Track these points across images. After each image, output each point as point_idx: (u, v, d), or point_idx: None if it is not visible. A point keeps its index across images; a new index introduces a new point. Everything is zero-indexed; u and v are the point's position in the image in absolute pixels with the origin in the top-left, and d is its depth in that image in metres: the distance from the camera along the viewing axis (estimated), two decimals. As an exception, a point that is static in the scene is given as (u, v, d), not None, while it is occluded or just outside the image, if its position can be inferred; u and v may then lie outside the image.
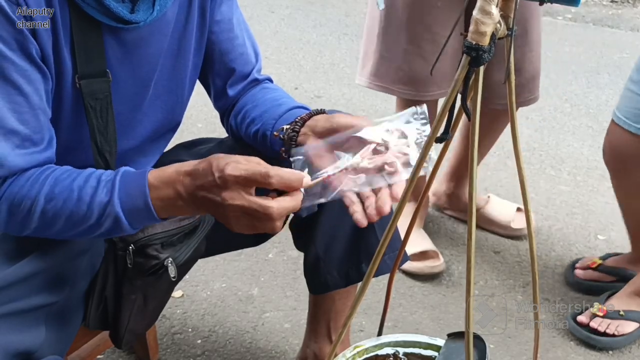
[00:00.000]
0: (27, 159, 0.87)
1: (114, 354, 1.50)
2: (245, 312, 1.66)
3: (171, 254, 1.03)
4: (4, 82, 0.83)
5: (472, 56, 0.51)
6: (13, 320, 0.85)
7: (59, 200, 0.85)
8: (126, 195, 0.85)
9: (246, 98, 1.17)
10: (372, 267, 0.65)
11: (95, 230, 0.88)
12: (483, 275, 1.83)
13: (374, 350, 1.00)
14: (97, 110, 0.93)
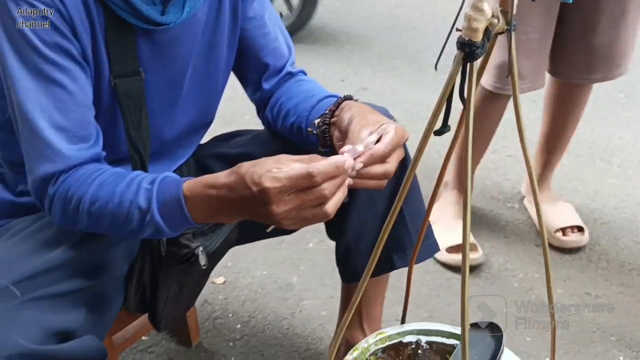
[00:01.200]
0: (77, 154, 0.91)
1: (157, 335, 1.57)
2: (284, 299, 1.71)
3: (202, 243, 1.08)
4: (50, 82, 0.88)
5: (465, 52, 0.53)
6: (54, 302, 0.91)
7: (102, 202, 0.89)
8: (164, 205, 0.87)
9: (281, 91, 1.20)
10: (371, 262, 0.66)
11: (139, 233, 0.91)
12: (523, 267, 1.81)
13: (396, 338, 1.03)
14: (131, 108, 0.99)
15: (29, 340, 0.82)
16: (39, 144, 0.89)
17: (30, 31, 0.86)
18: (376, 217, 1.21)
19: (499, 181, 2.23)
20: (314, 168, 0.78)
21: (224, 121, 2.46)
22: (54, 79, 0.89)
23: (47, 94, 0.88)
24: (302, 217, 0.81)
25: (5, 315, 0.83)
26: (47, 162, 0.90)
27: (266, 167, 0.80)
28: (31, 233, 1.00)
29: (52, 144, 0.89)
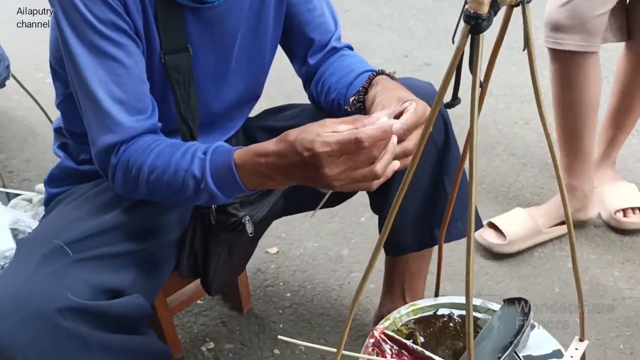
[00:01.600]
0: (136, 125, 0.97)
1: (212, 300, 1.65)
2: (334, 270, 1.75)
3: (248, 212, 1.13)
4: (106, 57, 0.94)
5: (471, 25, 0.53)
6: (104, 262, 0.98)
7: (159, 171, 0.94)
8: (217, 173, 0.91)
9: (325, 66, 1.22)
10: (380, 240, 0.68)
11: (194, 200, 0.96)
12: (579, 248, 1.77)
13: (429, 310, 1.05)
14: (180, 82, 1.04)
15: (78, 295, 0.90)
16: (100, 115, 0.95)
17: (86, 9, 0.92)
18: (418, 192, 1.22)
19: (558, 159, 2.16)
20: (362, 133, 0.80)
21: (285, 96, 2.51)
22: (109, 54, 0.94)
23: (104, 69, 0.94)
24: (353, 178, 0.84)
25: (58, 272, 0.91)
26: (108, 133, 0.96)
27: (314, 132, 0.82)
28: (88, 198, 1.09)
29: (112, 116, 0.95)
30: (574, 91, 1.65)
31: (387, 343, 0.98)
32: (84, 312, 0.90)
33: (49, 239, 0.95)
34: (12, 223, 1.33)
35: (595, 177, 1.95)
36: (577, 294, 0.81)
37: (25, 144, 2.45)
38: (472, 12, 0.53)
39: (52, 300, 0.88)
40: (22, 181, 2.19)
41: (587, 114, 1.68)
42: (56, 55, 1.07)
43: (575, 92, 1.65)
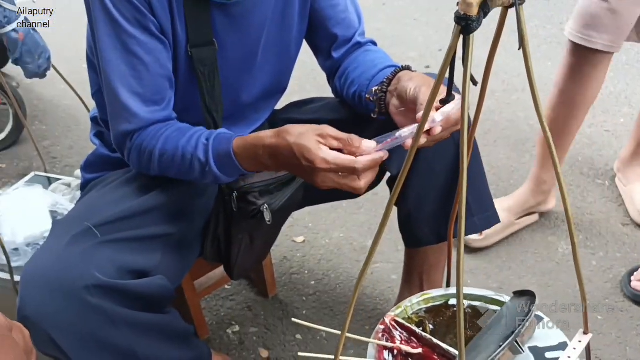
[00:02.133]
0: (149, 116, 1.06)
1: (239, 285, 1.71)
2: (358, 261, 1.79)
3: (267, 200, 1.18)
4: (128, 53, 1.02)
5: (461, 25, 0.56)
6: (130, 245, 1.04)
7: (169, 155, 1.04)
8: (219, 158, 1.01)
9: (348, 61, 1.26)
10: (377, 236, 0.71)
11: (201, 180, 1.06)
12: (604, 246, 1.76)
13: (440, 300, 1.07)
14: (206, 75, 1.10)
15: (104, 274, 0.96)
16: (118, 106, 1.04)
17: (113, 7, 0.99)
18: (436, 185, 1.24)
19: (592, 157, 2.15)
20: (359, 164, 0.91)
21: (319, 89, 2.55)
22: (131, 51, 1.02)
23: (125, 63, 1.02)
24: (337, 186, 0.95)
25: (86, 252, 0.98)
26: (125, 122, 1.05)
27: (313, 142, 0.91)
28: (119, 184, 1.15)
29: (129, 107, 1.04)
30: (580, 87, 1.65)
31: (397, 330, 1.02)
32: (110, 289, 0.96)
33: (79, 221, 1.02)
34: (51, 205, 1.41)
35: (623, 176, 1.93)
36: (579, 287, 0.83)
37: (69, 132, 2.56)
38: (462, 13, 0.55)
39: (80, 278, 0.94)
40: (65, 167, 2.30)
41: (583, 111, 1.70)
42: (92, 47, 1.14)
43: (581, 88, 1.64)
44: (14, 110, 2.29)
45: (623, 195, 1.91)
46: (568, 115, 1.69)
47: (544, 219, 1.88)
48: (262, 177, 1.16)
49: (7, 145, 2.41)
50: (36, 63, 1.53)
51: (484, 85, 0.71)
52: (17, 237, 1.31)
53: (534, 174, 1.82)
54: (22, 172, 2.27)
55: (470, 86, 0.59)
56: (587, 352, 0.93)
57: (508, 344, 0.84)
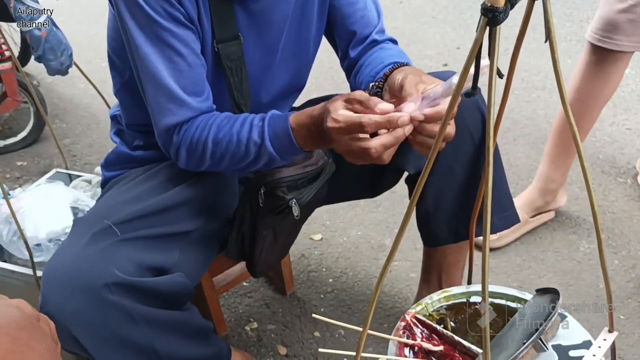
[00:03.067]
0: (196, 106, 1.05)
1: (257, 282, 1.72)
2: (376, 259, 1.78)
3: (295, 195, 1.18)
4: (164, 46, 1.01)
5: (488, 17, 0.56)
6: (148, 242, 1.04)
7: (223, 143, 1.03)
8: (275, 137, 1.01)
9: (363, 59, 1.25)
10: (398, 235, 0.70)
11: (255, 165, 1.06)
12: (626, 245, 1.74)
13: (461, 297, 1.07)
14: (233, 70, 1.10)
15: (124, 272, 0.96)
16: (161, 99, 1.03)
17: (144, 2, 0.98)
18: (454, 184, 1.23)
19: (613, 155, 2.12)
20: (365, 118, 0.88)
21: (337, 87, 2.55)
22: (167, 43, 1.01)
23: (163, 57, 1.01)
24: (357, 156, 0.93)
25: (106, 250, 0.98)
26: (170, 115, 1.04)
27: (337, 105, 0.92)
28: (138, 182, 1.15)
29: (175, 97, 1.03)
30: (599, 85, 1.63)
31: (418, 327, 1.01)
32: (129, 287, 0.97)
33: (99, 219, 1.03)
34: (72, 202, 1.43)
35: None
36: (605, 286, 0.82)
37: (89, 130, 2.58)
38: (489, 5, 0.55)
39: (100, 276, 0.95)
40: (85, 165, 2.32)
41: (598, 109, 1.69)
42: (113, 45, 1.15)
43: (600, 85, 1.63)
44: (35, 108, 2.32)
45: None
46: (583, 112, 1.67)
47: (564, 217, 1.87)
48: (290, 172, 1.16)
49: (28, 143, 2.43)
50: (58, 60, 1.54)
51: (508, 79, 0.70)
52: (39, 232, 1.32)
53: (542, 173, 1.81)
54: (43, 170, 2.30)
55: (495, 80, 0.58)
56: (612, 350, 0.92)
57: (532, 341, 0.83)
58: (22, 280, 1.31)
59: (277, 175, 1.15)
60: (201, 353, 1.16)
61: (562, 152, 1.75)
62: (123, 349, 1.01)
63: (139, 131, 1.22)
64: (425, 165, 0.65)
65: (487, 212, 0.61)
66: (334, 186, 1.30)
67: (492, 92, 0.57)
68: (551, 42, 0.62)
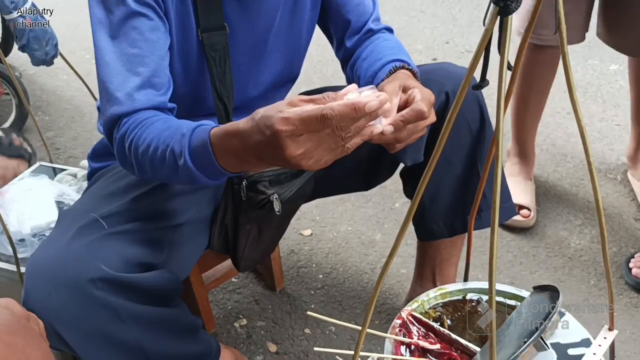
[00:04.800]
0: (143, 99, 0.94)
1: (246, 279, 1.69)
2: (366, 254, 1.77)
3: (277, 190, 1.15)
4: (131, 29, 0.95)
5: (499, 6, 0.53)
6: (136, 236, 1.01)
7: (146, 145, 0.90)
8: (195, 153, 0.85)
9: (360, 49, 1.22)
10: (399, 234, 0.68)
11: (174, 178, 0.91)
12: (617, 242, 1.74)
13: (457, 295, 1.05)
14: (217, 60, 1.06)
15: (110, 267, 0.93)
16: (111, 86, 0.95)
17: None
18: (452, 178, 1.22)
19: (603, 151, 2.12)
20: (329, 110, 0.72)
21: (325, 80, 2.52)
22: (135, 27, 0.95)
23: (127, 40, 0.95)
24: (322, 158, 0.77)
25: (92, 244, 0.95)
26: (115, 104, 0.94)
27: (277, 108, 0.74)
28: (126, 173, 1.12)
29: (122, 87, 0.94)
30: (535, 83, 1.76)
31: (414, 325, 0.99)
32: (115, 283, 0.94)
33: (86, 212, 0.99)
34: (57, 196, 1.39)
35: (635, 171, 1.91)
36: (607, 285, 0.81)
37: (72, 123, 2.53)
38: (502, -7, 0.53)
39: (86, 271, 0.92)
40: (69, 158, 2.27)
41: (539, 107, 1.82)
42: None
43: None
44: (17, 100, 2.26)
45: (636, 190, 1.89)
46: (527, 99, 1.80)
47: (555, 214, 1.86)
48: (273, 167, 1.14)
49: (10, 135, 2.38)
50: (43, 50, 1.50)
51: (514, 73, 0.68)
52: (23, 227, 1.28)
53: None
54: (25, 163, 2.24)
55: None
56: (611, 350, 0.91)
57: (533, 340, 0.82)
58: (5, 276, 1.27)
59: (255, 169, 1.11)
60: (190, 350, 1.13)
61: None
62: (109, 346, 0.98)
63: None
64: (429, 162, 0.63)
65: (496, 200, 0.59)
66: (327, 179, 1.27)
67: (502, 83, 0.55)
68: (560, 33, 0.60)
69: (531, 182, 1.90)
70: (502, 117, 0.56)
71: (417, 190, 0.64)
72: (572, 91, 0.64)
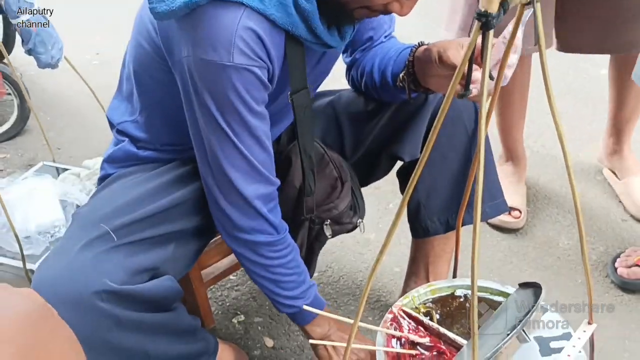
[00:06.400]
0: (276, 215, 1.13)
1: (244, 275, 1.73)
2: (361, 253, 1.81)
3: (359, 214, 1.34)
4: (255, 128, 1.03)
5: (482, 21, 0.58)
6: (144, 244, 1.06)
7: (279, 274, 1.17)
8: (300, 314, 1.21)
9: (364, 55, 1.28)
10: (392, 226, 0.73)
11: (277, 296, 1.20)
12: (604, 242, 1.79)
13: (446, 291, 1.10)
14: (302, 117, 1.12)
15: (114, 280, 0.98)
16: (250, 169, 1.06)
17: (246, 93, 0.98)
18: (447, 175, 1.27)
19: (592, 153, 2.17)
20: None
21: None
22: (259, 126, 1.03)
23: (252, 137, 1.03)
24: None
25: (98, 257, 0.99)
26: (255, 183, 1.08)
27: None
28: (142, 181, 1.16)
29: (262, 170, 1.08)
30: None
31: (405, 319, 1.04)
32: (119, 295, 0.98)
33: (98, 222, 1.04)
34: (61, 195, 1.43)
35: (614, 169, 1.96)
36: (586, 278, 0.85)
37: (73, 123, 2.58)
38: (483, 10, 0.57)
39: (91, 284, 0.96)
40: (69, 158, 2.31)
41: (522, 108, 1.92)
42: (144, 63, 1.12)
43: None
44: (19, 100, 2.30)
45: (617, 191, 1.94)
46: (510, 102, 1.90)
47: (544, 214, 1.91)
48: (344, 201, 1.27)
49: (11, 135, 2.42)
50: (49, 53, 1.54)
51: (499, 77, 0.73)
52: (29, 225, 1.33)
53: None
54: (27, 163, 2.29)
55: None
56: (590, 342, 0.96)
57: (516, 332, 0.87)
58: (11, 272, 1.31)
59: (338, 208, 1.27)
60: (190, 349, 1.18)
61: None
62: (111, 352, 1.03)
63: (156, 149, 1.22)
64: (420, 160, 0.67)
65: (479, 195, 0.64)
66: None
67: (483, 90, 0.60)
68: (540, 47, 0.65)
69: (523, 185, 1.95)
70: (484, 126, 0.61)
71: (408, 186, 0.68)
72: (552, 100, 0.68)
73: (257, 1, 0.94)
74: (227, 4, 0.93)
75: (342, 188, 1.25)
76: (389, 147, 1.27)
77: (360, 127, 1.32)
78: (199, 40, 0.95)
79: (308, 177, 1.18)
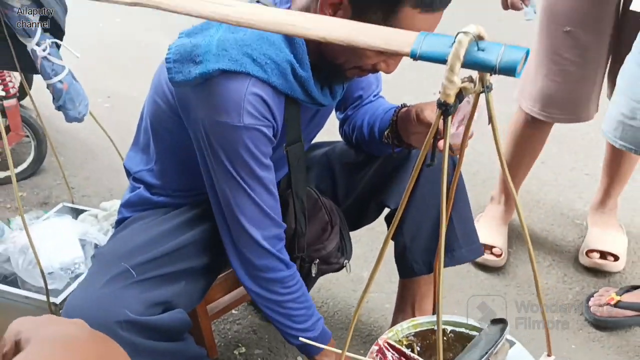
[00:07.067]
0: (284, 254, 1.26)
1: (246, 310, 1.86)
2: (354, 290, 1.94)
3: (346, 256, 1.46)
4: (263, 179, 1.18)
5: (442, 110, 0.74)
6: (161, 280, 1.20)
7: (290, 309, 1.30)
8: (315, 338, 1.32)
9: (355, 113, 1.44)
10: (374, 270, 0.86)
11: (287, 335, 1.34)
12: (580, 282, 1.92)
13: (427, 326, 1.23)
14: (295, 168, 1.28)
15: (133, 311, 1.12)
16: (262, 214, 1.21)
17: (255, 148, 1.13)
18: (429, 220, 1.41)
19: (572, 199, 2.32)
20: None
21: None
22: (266, 177, 1.19)
23: (261, 186, 1.18)
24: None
25: (120, 291, 1.14)
26: (269, 227, 1.23)
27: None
28: (156, 224, 1.30)
29: (269, 214, 1.23)
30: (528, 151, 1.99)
31: (389, 351, 1.17)
32: (137, 325, 1.13)
33: (119, 259, 1.19)
34: (81, 235, 1.57)
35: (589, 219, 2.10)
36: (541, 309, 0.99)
37: (85, 163, 2.73)
38: (442, 100, 0.73)
39: (113, 314, 1.11)
40: (82, 197, 2.46)
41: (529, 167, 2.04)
42: (160, 118, 1.27)
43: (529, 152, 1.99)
44: (36, 142, 2.46)
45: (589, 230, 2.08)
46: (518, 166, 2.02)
47: (526, 255, 2.05)
48: (332, 243, 1.40)
49: (27, 175, 2.56)
50: (77, 110, 1.71)
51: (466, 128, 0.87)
52: (52, 262, 1.46)
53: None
54: (42, 201, 2.43)
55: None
56: (550, 373, 1.09)
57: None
58: (34, 305, 1.45)
59: (327, 249, 1.40)
60: None
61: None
62: None
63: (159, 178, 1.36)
64: (402, 199, 0.80)
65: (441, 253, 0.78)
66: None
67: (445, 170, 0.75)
68: (493, 126, 0.80)
69: (506, 227, 2.10)
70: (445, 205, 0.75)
71: (389, 230, 0.82)
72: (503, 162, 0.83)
73: (261, 71, 1.10)
74: (235, 74, 1.09)
75: (332, 230, 1.39)
76: (377, 195, 1.42)
77: (351, 176, 1.47)
78: (212, 105, 1.10)
79: (300, 219, 1.33)
